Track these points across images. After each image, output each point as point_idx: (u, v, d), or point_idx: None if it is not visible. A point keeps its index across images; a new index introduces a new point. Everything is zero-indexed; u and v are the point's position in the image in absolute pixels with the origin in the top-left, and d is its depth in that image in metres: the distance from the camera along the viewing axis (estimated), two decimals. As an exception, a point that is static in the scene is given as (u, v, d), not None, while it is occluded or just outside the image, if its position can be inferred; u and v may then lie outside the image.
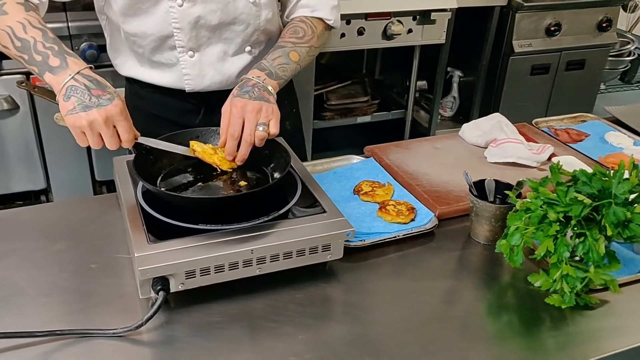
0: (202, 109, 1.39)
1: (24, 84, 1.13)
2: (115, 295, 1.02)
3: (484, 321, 1.03)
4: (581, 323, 1.01)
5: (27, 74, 2.27)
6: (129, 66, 1.37)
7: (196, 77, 1.32)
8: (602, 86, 3.62)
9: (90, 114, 1.00)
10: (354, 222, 1.20)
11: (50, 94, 1.13)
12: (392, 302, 1.05)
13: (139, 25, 1.26)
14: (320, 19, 1.34)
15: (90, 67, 1.06)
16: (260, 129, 1.12)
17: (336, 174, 1.39)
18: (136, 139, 1.08)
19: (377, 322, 1.00)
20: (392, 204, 1.26)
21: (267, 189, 1.08)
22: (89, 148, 2.45)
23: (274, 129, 1.14)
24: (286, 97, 1.51)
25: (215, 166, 1.15)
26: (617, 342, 0.98)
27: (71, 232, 1.18)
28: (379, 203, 1.27)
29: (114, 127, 1.02)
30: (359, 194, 1.31)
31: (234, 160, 1.14)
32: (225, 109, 1.14)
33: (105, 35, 1.40)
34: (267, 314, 1.00)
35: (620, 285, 1.04)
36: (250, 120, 1.11)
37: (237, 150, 1.13)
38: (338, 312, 1.04)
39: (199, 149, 1.15)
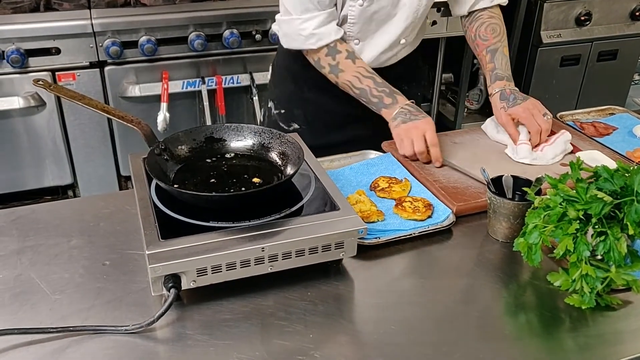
0: None
1: (40, 82, 1.14)
2: (127, 292, 1.03)
3: (501, 321, 1.01)
4: (602, 324, 0.98)
5: (53, 71, 2.31)
6: None
7: None
8: (636, 77, 3.51)
9: (407, 124, 1.38)
10: (368, 219, 1.19)
11: (65, 92, 1.14)
12: (405, 300, 1.03)
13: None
14: (498, 5, 1.59)
15: (413, 101, 1.44)
16: (546, 118, 1.45)
17: (352, 170, 1.37)
18: (440, 162, 1.37)
19: (389, 321, 0.98)
20: (409, 201, 1.24)
21: (278, 186, 1.07)
22: (114, 144, 2.50)
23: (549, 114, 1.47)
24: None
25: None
26: (639, 345, 0.95)
27: (86, 229, 1.19)
28: (395, 199, 1.25)
29: (424, 135, 1.36)
30: (376, 190, 1.29)
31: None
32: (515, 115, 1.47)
33: None
34: (278, 311, 0.99)
35: (644, 286, 1.00)
36: (536, 115, 1.45)
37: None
38: (350, 310, 1.02)
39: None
